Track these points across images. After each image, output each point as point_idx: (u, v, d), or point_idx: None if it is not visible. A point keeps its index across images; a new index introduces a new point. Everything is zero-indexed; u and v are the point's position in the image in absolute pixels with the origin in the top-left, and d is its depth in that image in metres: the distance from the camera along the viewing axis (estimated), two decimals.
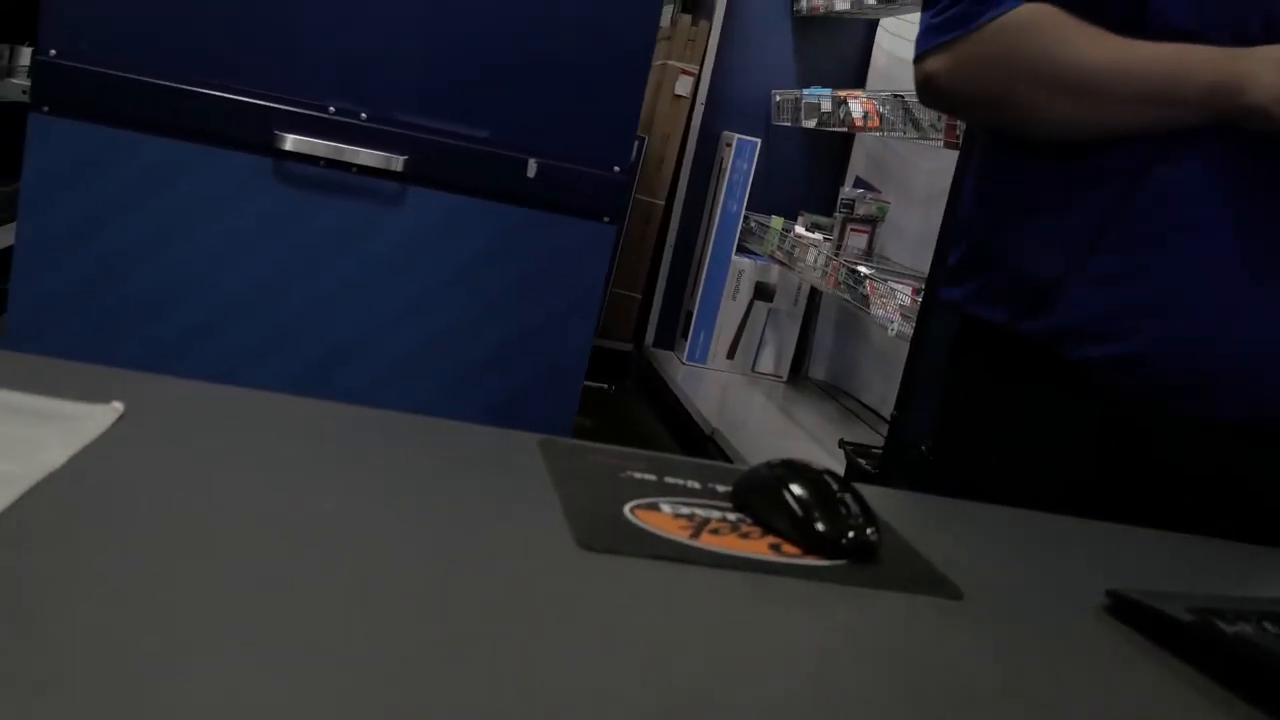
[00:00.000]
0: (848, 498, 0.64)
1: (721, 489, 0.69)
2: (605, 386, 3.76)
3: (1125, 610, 0.63)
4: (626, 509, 0.63)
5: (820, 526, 0.63)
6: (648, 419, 3.69)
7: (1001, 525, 0.80)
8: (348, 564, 0.52)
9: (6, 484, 0.54)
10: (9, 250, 3.21)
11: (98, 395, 0.67)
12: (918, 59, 1.02)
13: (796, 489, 0.64)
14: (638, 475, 0.70)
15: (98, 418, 0.64)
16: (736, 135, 3.75)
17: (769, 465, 0.67)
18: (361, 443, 0.72)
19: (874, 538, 0.64)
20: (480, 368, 1.99)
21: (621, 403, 3.83)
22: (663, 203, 3.91)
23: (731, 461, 2.84)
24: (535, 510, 0.62)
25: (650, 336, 4.00)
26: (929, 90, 1.03)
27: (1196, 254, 0.92)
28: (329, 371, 1.94)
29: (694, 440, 3.22)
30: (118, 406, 0.66)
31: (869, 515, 0.65)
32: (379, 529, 0.57)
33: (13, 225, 3.41)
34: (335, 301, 1.92)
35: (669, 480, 0.70)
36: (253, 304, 1.90)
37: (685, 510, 0.65)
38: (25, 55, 3.45)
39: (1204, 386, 0.93)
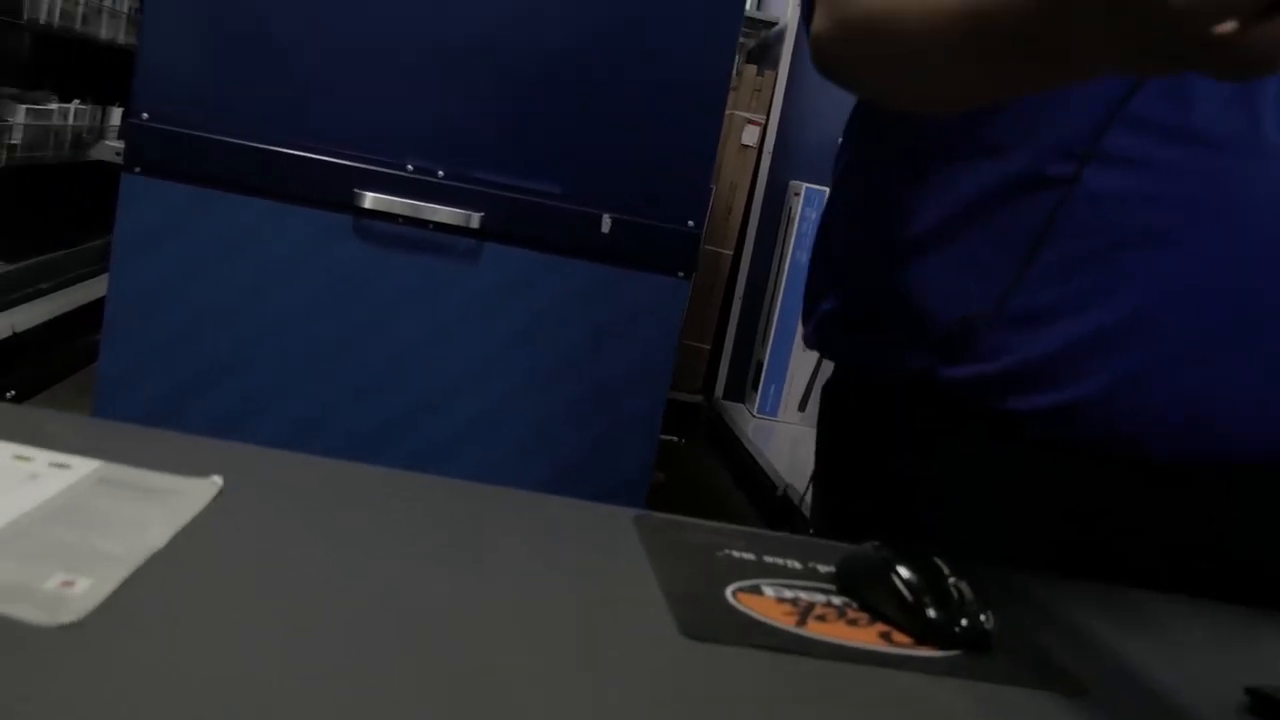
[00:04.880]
0: (960, 583, 0.63)
1: (823, 569, 0.68)
2: (676, 439, 3.74)
3: (1270, 712, 0.59)
4: (728, 592, 0.62)
5: (932, 613, 0.61)
6: (719, 473, 3.66)
7: (1112, 605, 0.77)
8: (438, 645, 0.52)
9: (113, 566, 0.54)
10: (98, 301, 3.28)
11: (195, 466, 0.68)
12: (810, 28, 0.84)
13: (905, 572, 0.62)
14: (736, 554, 0.69)
15: (198, 493, 0.65)
16: (805, 184, 3.74)
17: (874, 546, 0.66)
18: (456, 518, 0.71)
19: (989, 626, 0.62)
20: (555, 424, 1.99)
21: (692, 456, 3.80)
22: (731, 253, 3.90)
23: (807, 518, 2.81)
24: (634, 593, 0.61)
25: (720, 388, 3.98)
26: (816, 58, 0.83)
27: (1151, 270, 0.77)
28: (405, 427, 1.95)
29: (766, 495, 3.18)
30: (217, 481, 0.67)
31: (983, 601, 0.63)
32: (477, 610, 0.57)
33: (103, 277, 3.51)
34: (411, 357, 1.94)
35: (768, 560, 0.68)
36: (331, 360, 1.92)
37: (789, 594, 0.63)
38: (115, 115, 3.55)
39: (1177, 428, 0.79)
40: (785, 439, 3.59)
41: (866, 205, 0.94)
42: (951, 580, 0.63)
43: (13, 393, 2.77)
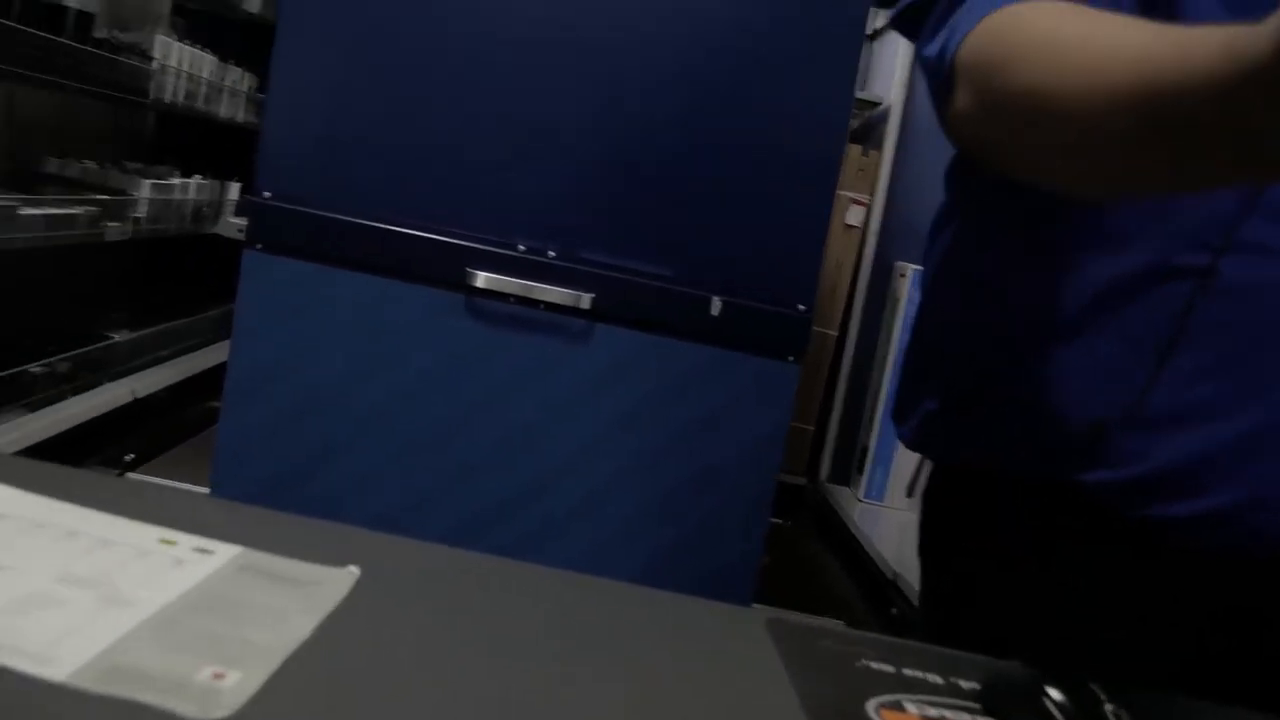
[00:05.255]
0: (1120, 711, 0.60)
1: (965, 685, 0.66)
2: (781, 522, 3.71)
3: None
4: (870, 707, 0.60)
5: None
6: (825, 558, 3.61)
7: None
8: None
9: (261, 658, 0.55)
10: (215, 368, 3.36)
11: (329, 552, 0.69)
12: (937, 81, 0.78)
13: (1058, 696, 0.60)
14: (875, 665, 0.67)
15: (337, 583, 0.66)
16: (910, 265, 3.72)
17: (1020, 665, 0.64)
18: (589, 614, 0.71)
19: None
20: (663, 506, 1.98)
21: (796, 538, 3.76)
22: (835, 333, 3.89)
23: (915, 606, 2.75)
24: (771, 702, 0.60)
25: (824, 470, 3.94)
26: (956, 135, 0.79)
27: None
28: (514, 508, 1.96)
29: (874, 584, 3.12)
30: (354, 571, 0.68)
31: None
32: (615, 715, 0.56)
33: (219, 345, 3.62)
34: (521, 437, 1.95)
35: (908, 673, 0.67)
36: (442, 439, 1.94)
37: (933, 712, 0.61)
38: (233, 190, 3.67)
39: None
40: (892, 525, 3.53)
41: (976, 294, 0.89)
42: (1109, 707, 0.60)
43: (132, 456, 2.85)
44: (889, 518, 3.62)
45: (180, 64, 3.15)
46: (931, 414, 0.92)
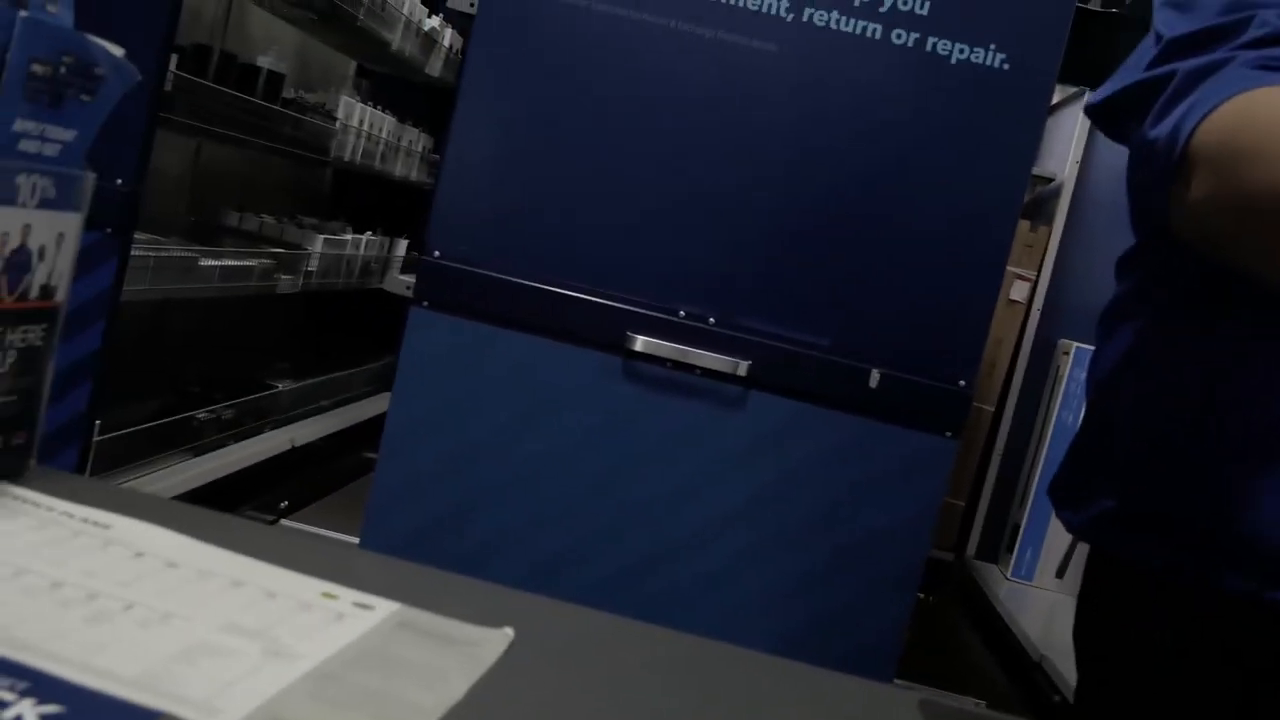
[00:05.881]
0: None
1: None
2: (923, 596, 3.62)
3: None
4: None
5: None
6: (968, 634, 3.51)
7: None
8: None
9: (418, 716, 0.55)
10: (371, 420, 3.45)
11: (485, 612, 0.69)
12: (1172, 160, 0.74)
13: None
14: None
15: (492, 644, 0.66)
16: (1074, 344, 3.62)
17: None
18: (737, 688, 0.70)
19: None
20: (810, 577, 1.95)
21: (939, 614, 3.66)
22: (992, 409, 3.80)
23: (1059, 691, 2.64)
24: None
25: (972, 547, 3.84)
26: (1187, 225, 0.74)
27: None
28: (659, 570, 1.95)
29: (1019, 666, 3.02)
30: (509, 633, 0.67)
31: None
32: None
33: (376, 398, 3.72)
34: (671, 500, 1.95)
35: None
36: (591, 499, 1.95)
37: None
38: (401, 247, 3.79)
39: None
40: (1041, 605, 3.42)
41: (1168, 394, 0.86)
42: None
43: (286, 503, 2.92)
44: (1037, 597, 3.50)
45: (361, 124, 3.28)
46: (1109, 513, 0.89)
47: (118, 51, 0.71)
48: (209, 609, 0.62)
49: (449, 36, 3.71)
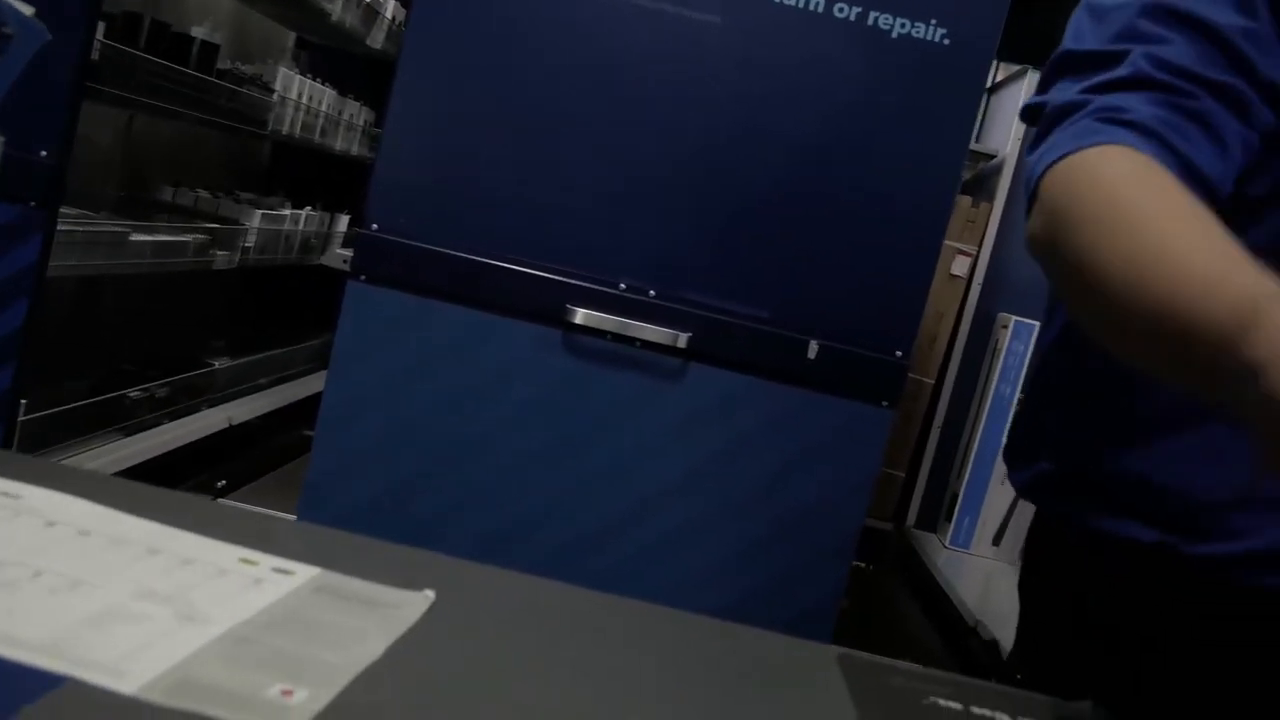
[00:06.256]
0: None
1: None
2: (863, 565, 3.66)
3: None
4: None
5: None
6: (906, 602, 3.56)
7: None
8: None
9: (330, 676, 0.54)
10: (310, 398, 3.42)
11: (405, 576, 0.69)
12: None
13: None
14: (943, 702, 0.66)
15: (412, 606, 0.65)
16: (1013, 317, 3.66)
17: (1093, 706, 0.62)
18: (658, 644, 0.70)
19: None
20: (748, 546, 1.96)
21: (879, 583, 3.70)
22: (932, 381, 3.84)
23: (1000, 654, 2.68)
24: None
25: (912, 517, 3.88)
26: (1029, 247, 0.81)
27: None
28: (598, 543, 1.95)
29: (955, 630, 3.07)
30: (430, 595, 0.67)
31: None
32: None
33: (315, 375, 3.67)
34: (611, 473, 1.95)
35: (976, 710, 0.65)
36: (532, 472, 1.94)
37: None
38: (342, 222, 3.75)
39: None
40: (978, 572, 3.47)
41: (1094, 378, 0.91)
42: None
43: (223, 482, 2.89)
44: (974, 564, 3.55)
45: (300, 97, 3.23)
46: (1044, 474, 0.95)
47: (27, 10, 0.69)
48: (121, 576, 0.61)
49: (391, 8, 3.66)
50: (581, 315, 1.91)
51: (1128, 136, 0.74)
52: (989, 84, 4.14)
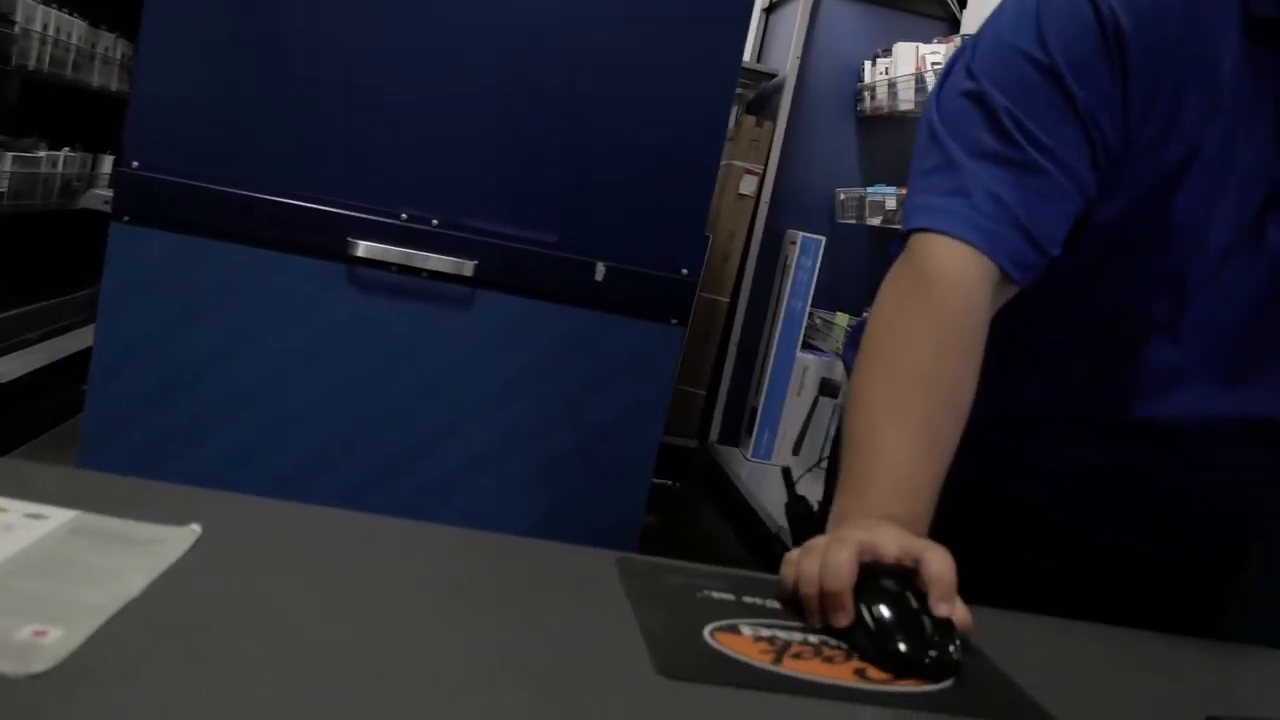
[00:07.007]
0: (930, 618, 0.63)
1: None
2: (669, 483, 3.74)
3: None
4: (706, 632, 0.62)
5: (901, 646, 0.61)
6: (712, 516, 3.66)
7: (1080, 640, 0.78)
8: (422, 691, 0.51)
9: (87, 616, 0.53)
10: (86, 352, 3.26)
11: (174, 515, 0.67)
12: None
13: (877, 609, 0.62)
14: (716, 595, 0.68)
15: (176, 542, 0.64)
16: (801, 233, 3.76)
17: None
18: (437, 563, 0.71)
19: (958, 656, 0.62)
20: (549, 468, 1.99)
21: (685, 499, 3.79)
22: (727, 300, 3.91)
23: None
24: (614, 634, 0.61)
25: (714, 433, 3.98)
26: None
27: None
28: (398, 473, 1.94)
29: (759, 538, 3.18)
30: (195, 529, 0.66)
31: (951, 634, 0.63)
32: (453, 654, 0.56)
33: (91, 327, 3.49)
34: (405, 404, 1.93)
35: (747, 600, 0.68)
36: (324, 408, 1.91)
37: (766, 633, 0.63)
38: (106, 164, 3.56)
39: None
40: (779, 482, 3.57)
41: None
42: (922, 614, 0.63)
43: None
44: (776, 475, 3.66)
45: (46, 28, 3.04)
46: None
47: None
48: None
49: None
50: (364, 248, 1.88)
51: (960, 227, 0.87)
52: (766, 3, 4.21)
